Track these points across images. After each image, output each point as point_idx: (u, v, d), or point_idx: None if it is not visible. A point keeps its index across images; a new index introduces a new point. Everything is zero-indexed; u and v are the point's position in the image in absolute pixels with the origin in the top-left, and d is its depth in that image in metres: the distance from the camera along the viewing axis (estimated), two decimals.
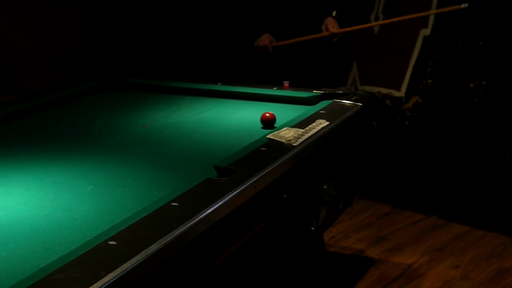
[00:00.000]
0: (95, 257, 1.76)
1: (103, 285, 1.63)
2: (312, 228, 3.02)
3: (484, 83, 4.60)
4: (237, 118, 3.32)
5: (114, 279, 1.66)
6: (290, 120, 3.07)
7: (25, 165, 2.72)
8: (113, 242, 1.84)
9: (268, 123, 3.05)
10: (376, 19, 5.10)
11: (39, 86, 4.74)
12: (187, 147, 2.90)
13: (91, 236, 1.94)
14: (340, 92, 3.60)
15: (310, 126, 2.92)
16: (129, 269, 1.72)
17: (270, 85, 3.80)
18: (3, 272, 1.82)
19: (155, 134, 3.12)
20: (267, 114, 3.07)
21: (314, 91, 3.58)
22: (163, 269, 1.87)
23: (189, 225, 1.97)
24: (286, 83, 3.75)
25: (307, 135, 2.80)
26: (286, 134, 2.79)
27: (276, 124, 3.03)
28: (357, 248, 4.34)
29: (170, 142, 2.99)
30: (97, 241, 1.86)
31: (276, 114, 3.30)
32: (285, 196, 2.61)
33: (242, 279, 2.45)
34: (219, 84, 3.86)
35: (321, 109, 3.24)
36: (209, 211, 2.07)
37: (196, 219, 2.01)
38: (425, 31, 4.87)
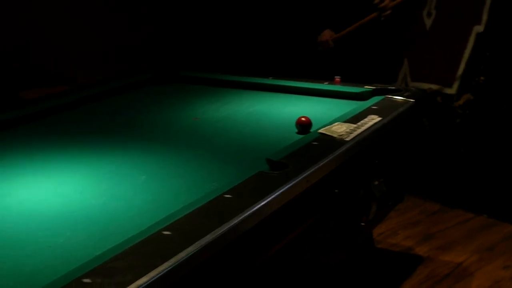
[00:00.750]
0: (150, 246, 1.79)
1: (158, 274, 1.65)
2: (362, 224, 3.01)
3: None
4: (288, 112, 3.32)
5: (169, 268, 1.68)
6: (341, 115, 3.05)
7: (80, 155, 2.76)
8: (168, 232, 1.86)
9: (305, 127, 2.91)
10: (429, 15, 5.05)
11: (92, 77, 4.80)
12: (238, 140, 2.91)
13: (145, 225, 1.96)
14: (392, 88, 3.58)
15: (362, 121, 2.91)
16: (183, 259, 1.73)
17: (321, 79, 3.79)
18: (60, 259, 1.85)
19: (207, 126, 3.14)
20: (303, 118, 2.93)
21: (366, 87, 3.57)
22: (216, 260, 1.88)
23: (242, 217, 1.98)
24: (337, 78, 3.74)
25: (359, 130, 2.79)
26: (338, 129, 2.78)
27: (328, 119, 3.02)
28: (405, 246, 4.30)
29: (222, 135, 3.01)
30: (151, 230, 1.88)
31: (326, 109, 3.31)
32: (336, 191, 2.61)
33: (292, 273, 2.46)
34: (270, 78, 3.86)
35: (373, 105, 3.23)
36: (262, 204, 2.08)
37: (249, 212, 2.02)
38: (479, 28, 4.80)
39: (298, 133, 2.89)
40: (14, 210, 2.21)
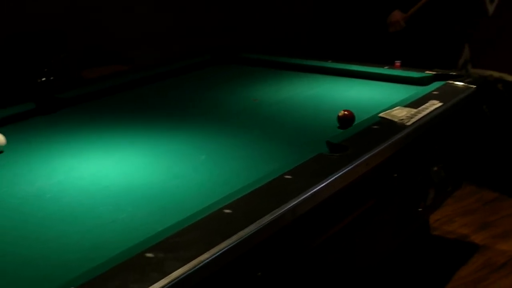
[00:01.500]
0: (211, 224, 1.81)
1: (219, 251, 1.67)
2: (420, 210, 2.99)
3: None
4: (348, 95, 3.32)
5: (230, 246, 1.70)
6: (402, 100, 3.03)
7: (141, 134, 2.80)
8: (229, 211, 1.87)
9: (347, 121, 2.76)
10: (491, 1, 4.97)
11: (151, 58, 4.85)
12: (297, 122, 2.91)
13: (205, 204, 1.98)
14: (453, 73, 3.54)
15: (423, 106, 2.89)
16: (244, 237, 1.75)
17: (380, 64, 3.76)
18: (122, 233, 1.89)
19: (266, 108, 3.15)
20: (346, 112, 2.78)
21: (427, 72, 3.53)
22: (274, 240, 1.89)
23: (302, 198, 1.99)
24: (397, 63, 3.71)
25: (420, 115, 2.77)
26: (399, 113, 2.77)
27: (388, 103, 3.00)
28: (461, 233, 4.26)
29: (281, 117, 3.01)
30: (212, 208, 1.90)
31: (386, 93, 3.28)
32: (395, 175, 2.60)
33: (347, 257, 2.46)
34: (329, 61, 3.85)
35: (434, 90, 3.19)
36: (322, 185, 2.09)
37: (309, 193, 2.02)
38: None
39: (340, 127, 2.75)
40: (77, 185, 2.26)
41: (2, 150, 2.56)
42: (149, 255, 1.62)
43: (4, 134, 2.59)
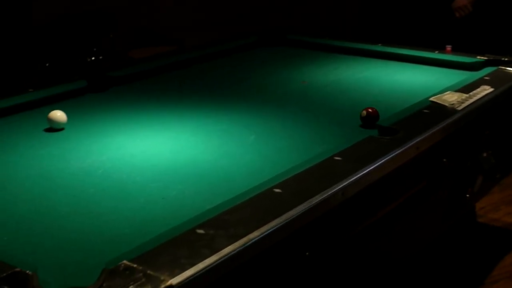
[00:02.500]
0: (261, 203, 1.81)
1: (269, 230, 1.67)
2: (467, 196, 2.97)
3: None
4: (397, 79, 3.29)
5: (279, 225, 1.70)
6: (453, 85, 3.00)
7: (189, 113, 2.82)
8: (278, 190, 1.88)
9: (372, 119, 2.57)
10: None
11: (198, 40, 4.86)
12: (347, 105, 2.90)
13: (255, 183, 1.98)
14: (506, 59, 3.48)
15: (474, 91, 2.85)
16: (294, 216, 1.75)
17: (431, 48, 3.72)
18: (172, 210, 1.91)
19: (315, 90, 3.15)
20: (370, 110, 2.59)
21: (478, 57, 3.49)
22: (324, 221, 1.90)
23: (352, 180, 1.99)
24: (448, 47, 3.68)
25: (471, 100, 2.74)
26: (450, 97, 2.74)
27: (438, 88, 2.96)
28: (507, 222, 4.21)
29: (330, 99, 3.01)
30: (262, 187, 1.91)
31: (437, 78, 3.25)
32: (444, 160, 2.57)
33: (394, 241, 2.45)
34: (379, 45, 3.82)
35: (486, 75, 3.15)
36: (372, 168, 2.08)
37: (359, 175, 2.02)
38: None
39: (362, 126, 2.58)
40: (128, 162, 2.29)
41: (64, 127, 2.59)
42: (200, 231, 1.64)
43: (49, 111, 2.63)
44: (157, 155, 2.35)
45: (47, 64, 4.96)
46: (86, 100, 3.02)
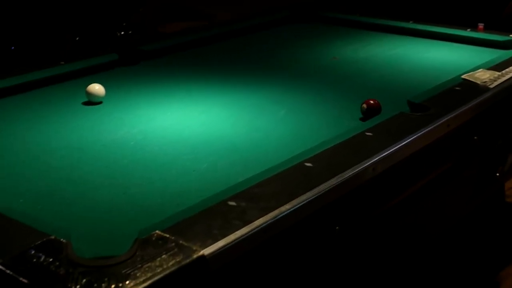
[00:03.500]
0: (292, 176, 1.82)
1: (300, 203, 1.68)
2: (497, 175, 2.95)
3: None
4: (428, 57, 3.27)
5: (310, 199, 1.71)
6: (485, 63, 2.97)
7: (220, 88, 2.83)
8: (310, 164, 1.88)
9: (373, 111, 2.40)
10: None
11: (230, 15, 4.86)
12: (377, 81, 2.90)
13: (286, 157, 1.99)
14: None
15: (507, 70, 2.83)
16: (324, 190, 1.76)
17: (463, 26, 3.69)
18: (204, 182, 1.92)
19: (346, 66, 3.14)
20: (371, 101, 2.42)
21: (510, 35, 3.45)
22: (354, 196, 1.90)
23: (382, 155, 1.99)
24: (480, 25, 3.63)
25: (503, 79, 2.71)
26: (482, 75, 2.72)
27: (470, 66, 2.94)
28: None
29: (361, 75, 3.00)
30: (293, 161, 1.91)
31: (468, 55, 3.23)
32: (475, 138, 2.56)
33: (423, 217, 2.45)
34: (411, 22, 3.79)
35: None
36: (403, 144, 2.08)
37: (390, 151, 2.02)
38: None
39: (363, 119, 2.39)
40: (159, 135, 2.31)
41: (102, 101, 2.61)
42: (232, 203, 1.65)
43: (90, 83, 2.65)
44: (188, 128, 2.36)
45: (77, 38, 4.99)
46: (117, 74, 3.04)
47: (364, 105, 2.41)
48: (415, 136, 2.13)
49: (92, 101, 2.60)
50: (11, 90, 2.73)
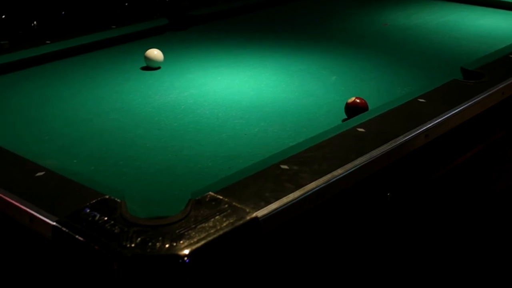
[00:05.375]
0: (345, 141, 1.81)
1: (352, 168, 1.67)
2: None
3: None
4: (482, 24, 3.22)
5: (363, 164, 1.70)
6: None
7: (270, 53, 2.82)
8: (362, 130, 1.87)
9: (356, 110, 2.10)
10: None
11: None
12: (429, 48, 2.86)
13: (338, 122, 1.98)
14: None
15: None
16: (377, 156, 1.74)
17: None
18: (255, 146, 1.92)
19: (397, 33, 3.11)
20: (357, 100, 2.13)
21: None
22: (405, 162, 1.88)
23: (435, 122, 1.96)
24: None
25: None
26: None
27: None
28: None
29: (412, 42, 2.97)
30: (346, 127, 1.90)
31: None
32: None
33: (472, 187, 2.42)
34: None
35: None
36: (456, 111, 2.05)
37: (443, 118, 1.99)
38: None
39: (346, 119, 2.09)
40: (210, 99, 2.31)
41: (160, 66, 2.62)
42: (284, 167, 1.64)
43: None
44: (239, 93, 2.36)
45: (126, 4, 5.00)
46: (167, 38, 3.04)
47: (351, 102, 2.12)
48: (468, 104, 2.10)
49: (150, 66, 2.60)
50: (62, 54, 2.75)
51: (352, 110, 2.09)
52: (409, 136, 1.86)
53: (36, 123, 2.14)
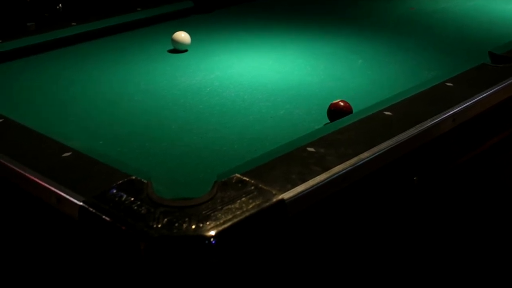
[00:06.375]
0: (371, 124, 1.79)
1: (379, 151, 1.66)
2: None
3: None
4: (510, 9, 3.19)
5: (390, 147, 1.68)
6: None
7: (295, 37, 2.81)
8: (389, 113, 1.85)
9: (338, 114, 1.94)
10: None
11: None
12: (456, 32, 2.84)
13: (364, 105, 1.96)
14: None
15: None
16: (404, 139, 1.73)
17: None
18: (281, 128, 1.92)
19: (424, 17, 3.09)
20: (341, 103, 1.97)
21: None
22: (433, 146, 1.87)
23: (463, 106, 1.94)
24: None
25: None
26: None
27: None
28: None
29: (439, 26, 2.94)
30: (371, 110, 1.88)
31: None
32: None
33: (499, 173, 2.40)
34: None
35: None
36: (484, 95, 2.02)
37: (471, 102, 1.97)
38: None
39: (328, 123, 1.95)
40: (236, 81, 2.30)
41: (187, 49, 2.62)
42: (311, 149, 1.63)
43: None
44: (264, 76, 2.35)
45: None
46: (192, 21, 3.04)
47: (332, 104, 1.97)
48: (497, 88, 2.08)
49: (177, 49, 2.60)
50: (88, 36, 2.76)
51: (335, 113, 1.94)
52: (437, 120, 1.84)
53: (62, 104, 2.15)
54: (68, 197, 1.44)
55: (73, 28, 2.76)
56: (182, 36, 2.60)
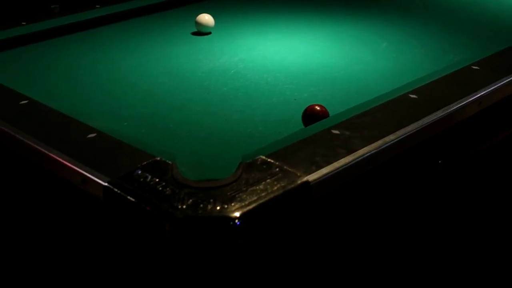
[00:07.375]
0: (396, 107, 1.78)
1: (405, 134, 1.65)
2: None
3: None
4: None
5: (415, 130, 1.67)
6: None
7: (319, 19, 2.80)
8: (414, 96, 1.84)
9: (313, 118, 1.81)
10: None
11: None
12: (483, 16, 2.80)
13: (389, 88, 1.95)
14: None
15: None
16: (430, 123, 1.72)
17: None
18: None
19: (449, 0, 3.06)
20: (317, 107, 1.84)
21: None
22: (458, 130, 1.85)
23: (489, 90, 1.92)
24: None
25: None
26: None
27: None
28: None
29: (465, 9, 2.92)
30: (396, 93, 1.87)
31: None
32: None
33: None
34: None
35: None
36: (511, 79, 2.00)
37: (498, 85, 1.95)
38: None
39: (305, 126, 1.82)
40: (259, 64, 2.30)
41: (211, 32, 2.61)
42: (335, 131, 1.63)
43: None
44: (288, 58, 2.35)
45: None
46: (216, 3, 3.03)
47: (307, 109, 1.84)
48: None
49: (201, 31, 2.60)
50: (112, 18, 2.77)
51: (310, 118, 1.82)
52: (462, 103, 1.83)
53: (86, 86, 2.16)
54: (93, 177, 1.44)
55: (97, 11, 2.76)
56: (206, 18, 2.59)
